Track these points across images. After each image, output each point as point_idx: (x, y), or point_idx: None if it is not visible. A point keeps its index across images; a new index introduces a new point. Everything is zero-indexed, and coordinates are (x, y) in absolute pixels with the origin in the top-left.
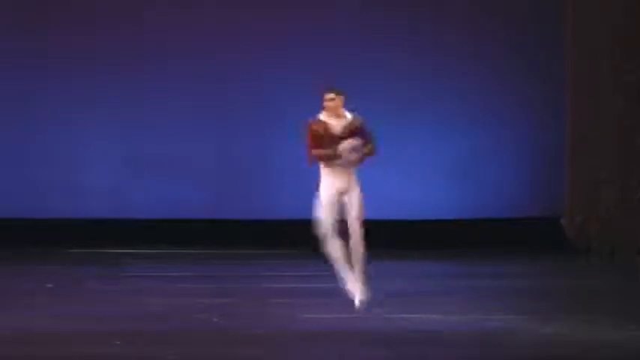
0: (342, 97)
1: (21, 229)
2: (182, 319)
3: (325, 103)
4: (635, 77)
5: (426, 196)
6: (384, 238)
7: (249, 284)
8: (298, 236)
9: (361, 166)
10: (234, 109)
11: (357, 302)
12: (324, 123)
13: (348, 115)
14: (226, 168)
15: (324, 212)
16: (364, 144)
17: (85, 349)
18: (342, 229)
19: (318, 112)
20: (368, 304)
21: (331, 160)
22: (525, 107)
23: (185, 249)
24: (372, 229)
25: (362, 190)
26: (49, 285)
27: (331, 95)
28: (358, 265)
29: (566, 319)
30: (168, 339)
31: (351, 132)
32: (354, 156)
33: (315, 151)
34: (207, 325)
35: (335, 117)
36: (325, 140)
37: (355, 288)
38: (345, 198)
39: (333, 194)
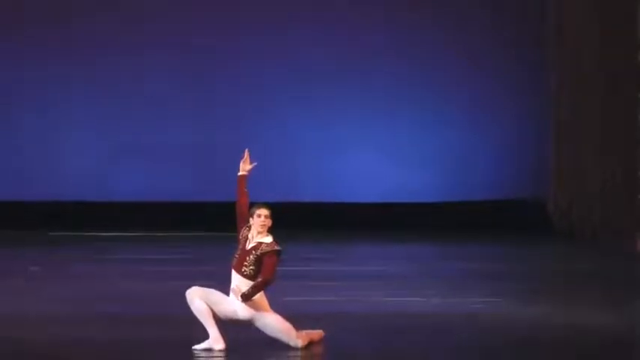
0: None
1: (5, 211)
2: (164, 302)
3: (261, 221)
4: (618, 65)
5: (413, 179)
6: (371, 221)
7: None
8: (281, 219)
9: (355, 153)
10: (220, 95)
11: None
12: (246, 234)
13: (268, 239)
14: (212, 152)
15: (208, 295)
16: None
17: (69, 331)
18: None
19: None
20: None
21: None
22: (512, 96)
23: (170, 232)
24: (361, 212)
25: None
26: (34, 268)
27: (267, 212)
28: None
29: (549, 302)
30: (151, 322)
31: (256, 258)
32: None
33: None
34: (188, 309)
35: (259, 234)
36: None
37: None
38: (257, 323)
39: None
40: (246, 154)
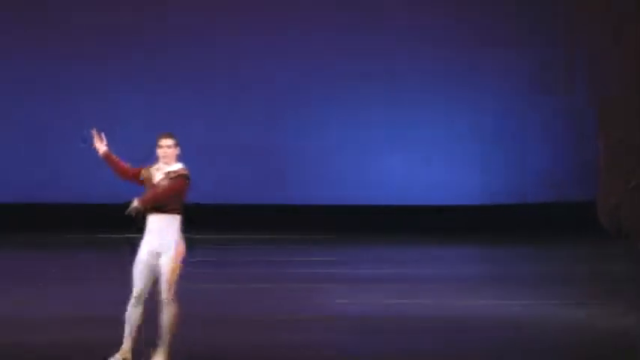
0: (178, 148)
1: (23, 214)
2: (189, 304)
3: (162, 151)
4: None
5: (454, 182)
6: (408, 224)
7: (248, 270)
8: (326, 222)
9: (381, 151)
10: (242, 94)
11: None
12: (150, 171)
13: (176, 166)
14: (236, 153)
15: (134, 275)
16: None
17: (87, 333)
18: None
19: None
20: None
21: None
22: (558, 94)
23: (194, 235)
24: (399, 215)
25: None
26: (53, 270)
27: (168, 142)
28: (161, 343)
29: (596, 305)
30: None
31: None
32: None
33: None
34: (207, 309)
35: (165, 165)
36: (147, 189)
37: (126, 353)
38: (160, 261)
39: (145, 255)
40: (95, 133)
